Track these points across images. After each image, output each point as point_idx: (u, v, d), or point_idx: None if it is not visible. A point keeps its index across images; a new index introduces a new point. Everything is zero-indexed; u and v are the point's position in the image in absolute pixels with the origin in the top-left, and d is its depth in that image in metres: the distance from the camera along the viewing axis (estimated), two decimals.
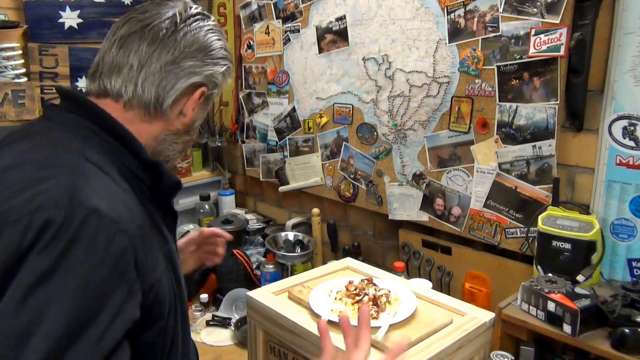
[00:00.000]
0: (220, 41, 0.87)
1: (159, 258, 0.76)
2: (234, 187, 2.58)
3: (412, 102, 1.66)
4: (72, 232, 0.61)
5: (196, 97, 0.84)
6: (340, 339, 0.96)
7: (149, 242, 0.72)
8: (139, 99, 0.80)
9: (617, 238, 1.28)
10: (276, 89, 2.19)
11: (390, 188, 1.79)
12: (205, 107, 0.90)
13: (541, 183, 1.40)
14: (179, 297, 0.82)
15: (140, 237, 0.69)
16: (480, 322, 1.03)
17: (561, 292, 1.12)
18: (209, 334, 1.68)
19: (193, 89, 0.83)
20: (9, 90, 2.14)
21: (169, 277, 0.79)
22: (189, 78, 0.82)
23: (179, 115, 0.84)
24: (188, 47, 0.82)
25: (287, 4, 2.05)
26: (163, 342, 0.78)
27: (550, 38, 1.31)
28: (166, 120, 0.83)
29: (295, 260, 1.94)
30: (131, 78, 0.79)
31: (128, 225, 0.66)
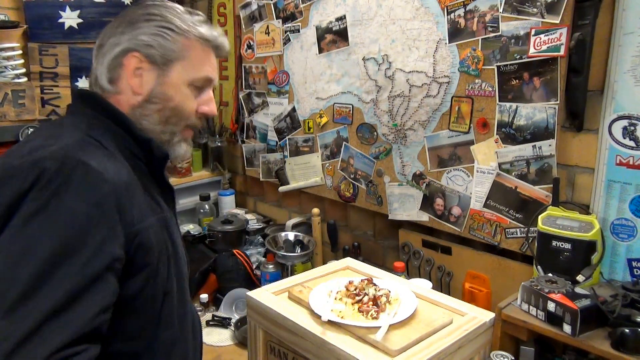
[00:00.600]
0: (146, 8, 0.91)
1: (147, 214, 0.85)
2: (234, 187, 2.58)
3: (412, 102, 1.66)
4: (62, 177, 0.74)
5: (126, 63, 0.89)
6: (340, 339, 0.96)
7: (136, 197, 0.83)
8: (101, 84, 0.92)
9: (617, 238, 1.28)
10: (276, 89, 2.19)
11: (390, 188, 1.79)
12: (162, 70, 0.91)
13: (541, 183, 1.40)
14: (173, 257, 0.91)
15: (125, 189, 0.80)
16: (480, 322, 1.03)
17: (561, 292, 1.12)
18: (209, 334, 1.68)
19: (122, 58, 0.89)
20: (9, 90, 2.15)
21: (162, 236, 0.89)
22: (112, 51, 0.90)
23: (131, 89, 0.91)
24: (111, 28, 0.92)
25: (287, 4, 2.05)
26: (154, 292, 0.86)
27: (550, 38, 1.31)
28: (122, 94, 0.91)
29: (295, 260, 1.94)
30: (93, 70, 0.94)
31: (112, 177, 0.78)
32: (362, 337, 0.96)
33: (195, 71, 0.94)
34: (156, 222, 0.88)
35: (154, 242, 0.85)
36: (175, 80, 0.92)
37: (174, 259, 0.92)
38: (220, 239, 2.07)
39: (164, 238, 0.89)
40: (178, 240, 0.97)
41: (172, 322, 0.91)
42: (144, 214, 0.85)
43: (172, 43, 0.91)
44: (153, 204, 0.90)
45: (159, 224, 0.89)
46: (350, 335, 0.98)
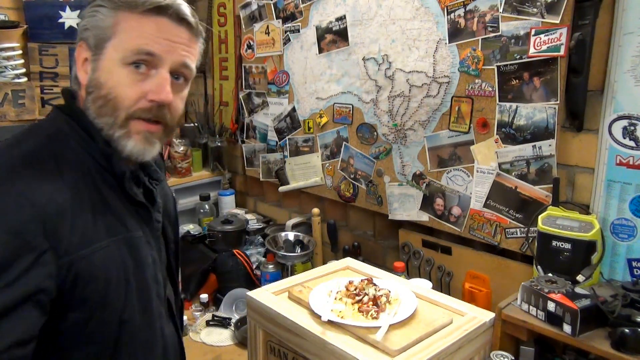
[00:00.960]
0: None
1: (95, 238, 0.77)
2: (234, 187, 2.58)
3: (412, 102, 1.66)
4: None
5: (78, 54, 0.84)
6: (340, 339, 0.96)
7: (78, 221, 0.75)
8: None
9: (617, 238, 1.28)
10: (276, 89, 2.19)
11: (390, 188, 1.79)
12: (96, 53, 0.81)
13: (541, 183, 1.40)
14: (137, 281, 0.82)
15: (57, 214, 0.72)
16: (480, 322, 1.03)
17: (561, 292, 1.12)
18: (209, 334, 1.68)
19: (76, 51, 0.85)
20: (9, 90, 2.15)
21: (119, 260, 0.79)
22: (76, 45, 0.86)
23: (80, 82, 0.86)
24: None
25: (287, 4, 2.05)
26: (104, 322, 0.78)
27: (550, 38, 1.31)
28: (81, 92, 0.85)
29: (295, 260, 1.94)
30: None
31: (39, 201, 0.71)
32: (362, 337, 0.96)
33: (126, 45, 0.80)
34: (112, 245, 0.79)
35: (100, 271, 0.76)
36: (108, 62, 0.80)
37: (139, 283, 0.83)
38: (220, 239, 2.07)
39: (121, 261, 0.80)
40: (147, 261, 0.86)
41: (134, 352, 0.83)
42: (90, 238, 0.76)
43: (102, 21, 0.80)
44: (114, 223, 0.81)
45: (115, 247, 0.79)
46: (350, 335, 0.98)
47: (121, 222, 0.82)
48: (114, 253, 0.79)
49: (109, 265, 0.78)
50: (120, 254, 0.80)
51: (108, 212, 0.80)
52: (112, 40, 0.80)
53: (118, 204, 0.83)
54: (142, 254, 0.85)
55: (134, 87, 0.80)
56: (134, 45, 0.79)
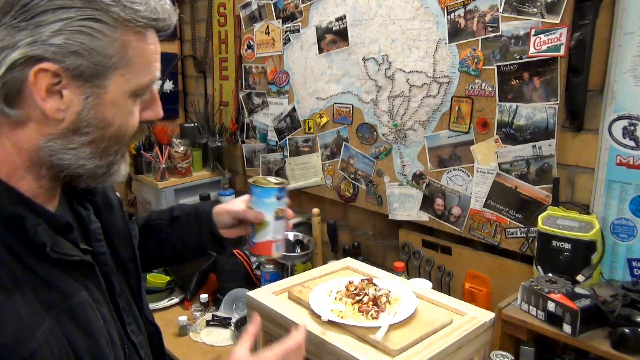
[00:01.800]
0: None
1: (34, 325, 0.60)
2: (234, 187, 2.58)
3: (412, 102, 1.66)
4: None
5: (33, 80, 0.59)
6: (340, 339, 0.96)
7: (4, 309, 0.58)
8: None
9: (617, 238, 1.28)
10: (276, 89, 2.19)
11: (390, 188, 1.79)
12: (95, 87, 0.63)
13: (541, 183, 1.40)
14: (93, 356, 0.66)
15: None
16: (480, 322, 1.03)
17: (561, 292, 1.12)
18: (209, 334, 1.68)
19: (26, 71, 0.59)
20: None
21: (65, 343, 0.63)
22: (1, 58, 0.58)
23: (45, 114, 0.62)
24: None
25: (287, 4, 2.05)
26: None
27: (550, 38, 1.31)
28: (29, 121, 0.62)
29: (295, 260, 1.94)
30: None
31: None
32: (362, 337, 0.96)
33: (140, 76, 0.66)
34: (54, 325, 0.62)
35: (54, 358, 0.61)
36: (114, 96, 0.64)
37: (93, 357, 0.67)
38: None
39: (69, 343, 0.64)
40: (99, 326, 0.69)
41: None
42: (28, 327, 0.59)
43: (106, 44, 0.61)
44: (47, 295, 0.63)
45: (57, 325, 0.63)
46: (350, 335, 0.98)
47: (56, 289, 0.64)
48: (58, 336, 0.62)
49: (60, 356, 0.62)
50: (65, 333, 0.63)
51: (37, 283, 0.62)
52: (119, 70, 0.63)
53: (46, 267, 0.64)
54: (91, 321, 0.68)
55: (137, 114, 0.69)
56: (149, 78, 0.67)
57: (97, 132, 0.65)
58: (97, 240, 0.77)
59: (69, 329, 0.64)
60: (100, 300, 0.72)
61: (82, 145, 0.65)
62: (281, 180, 1.06)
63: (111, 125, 0.66)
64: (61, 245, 0.66)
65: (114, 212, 0.84)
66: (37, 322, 0.61)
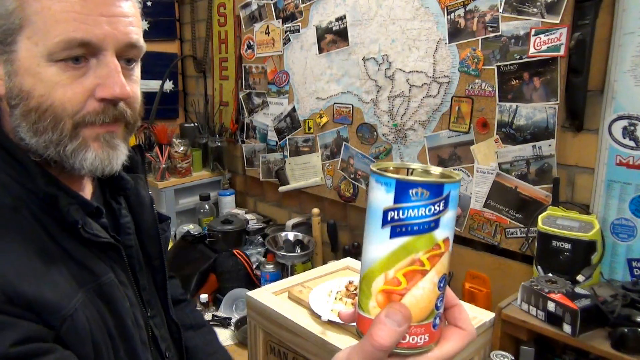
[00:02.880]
0: None
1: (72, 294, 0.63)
2: (234, 187, 2.58)
3: (412, 102, 1.66)
4: None
5: None
6: (340, 339, 0.96)
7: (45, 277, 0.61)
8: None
9: (617, 238, 1.28)
10: (276, 89, 2.19)
11: None
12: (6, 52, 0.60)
13: (541, 183, 1.40)
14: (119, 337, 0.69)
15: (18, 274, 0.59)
16: (480, 322, 1.03)
17: (561, 292, 1.12)
18: None
19: None
20: None
21: (98, 315, 0.66)
22: None
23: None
24: None
25: (287, 4, 2.05)
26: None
27: (550, 38, 1.31)
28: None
29: (295, 260, 1.94)
30: None
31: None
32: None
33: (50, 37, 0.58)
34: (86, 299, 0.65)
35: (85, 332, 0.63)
36: (26, 62, 0.59)
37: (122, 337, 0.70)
38: (220, 239, 2.07)
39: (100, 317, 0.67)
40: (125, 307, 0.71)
41: None
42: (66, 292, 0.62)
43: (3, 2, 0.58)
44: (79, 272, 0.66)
45: (89, 300, 0.65)
46: (350, 335, 0.98)
47: (86, 268, 0.67)
48: (90, 308, 0.65)
49: (92, 324, 0.64)
50: (96, 308, 0.66)
51: (69, 260, 0.65)
52: (24, 31, 0.58)
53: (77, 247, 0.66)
54: (118, 301, 0.70)
55: (75, 85, 0.61)
56: (59, 36, 0.58)
57: (23, 104, 0.61)
58: (127, 234, 0.79)
59: (100, 306, 0.67)
60: (126, 283, 0.74)
61: (21, 120, 0.62)
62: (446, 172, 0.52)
63: (31, 95, 0.61)
64: (91, 226, 0.68)
65: (144, 209, 0.85)
66: (72, 292, 0.63)
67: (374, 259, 0.48)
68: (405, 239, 0.47)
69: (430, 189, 0.46)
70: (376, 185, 0.47)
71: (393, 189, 0.46)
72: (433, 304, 0.49)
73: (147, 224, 0.84)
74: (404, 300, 0.48)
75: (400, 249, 0.47)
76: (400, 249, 0.47)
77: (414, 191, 0.46)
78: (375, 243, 0.48)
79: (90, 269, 0.67)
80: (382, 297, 0.49)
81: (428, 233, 0.47)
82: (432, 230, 0.47)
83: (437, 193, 0.46)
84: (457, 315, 0.52)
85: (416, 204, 0.46)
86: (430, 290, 0.49)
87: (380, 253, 0.48)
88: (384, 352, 0.47)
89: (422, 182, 0.46)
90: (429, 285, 0.48)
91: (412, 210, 0.46)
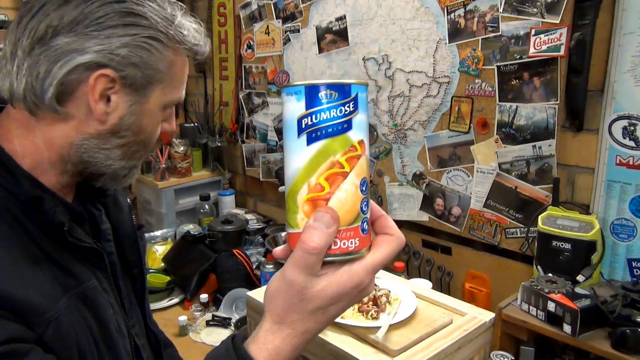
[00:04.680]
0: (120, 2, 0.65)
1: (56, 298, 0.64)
2: (234, 187, 2.58)
3: (412, 102, 1.66)
4: None
5: (92, 83, 0.64)
6: (340, 339, 0.96)
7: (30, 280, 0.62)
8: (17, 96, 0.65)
9: (617, 238, 1.28)
10: (276, 89, 2.19)
11: (390, 188, 1.79)
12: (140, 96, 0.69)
13: (541, 183, 1.40)
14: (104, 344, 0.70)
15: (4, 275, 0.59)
16: (480, 322, 1.04)
17: (561, 292, 1.12)
18: (209, 334, 1.68)
19: (87, 74, 0.64)
20: None
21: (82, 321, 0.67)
22: (68, 60, 0.62)
23: (90, 112, 0.66)
24: (60, 17, 0.63)
25: (287, 4, 2.05)
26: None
27: (550, 38, 1.31)
28: (71, 119, 0.66)
29: None
30: (8, 72, 0.65)
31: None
32: (362, 337, 0.96)
33: (175, 92, 0.73)
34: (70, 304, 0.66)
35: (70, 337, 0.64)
36: (152, 107, 0.70)
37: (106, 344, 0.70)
38: (220, 239, 2.07)
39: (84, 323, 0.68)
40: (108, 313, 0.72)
41: None
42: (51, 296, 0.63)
43: (158, 60, 0.68)
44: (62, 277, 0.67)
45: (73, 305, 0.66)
46: (350, 335, 0.98)
47: (70, 274, 0.68)
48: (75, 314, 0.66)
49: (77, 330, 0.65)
50: (80, 314, 0.67)
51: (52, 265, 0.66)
52: (162, 84, 0.70)
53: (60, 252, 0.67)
54: (102, 308, 0.71)
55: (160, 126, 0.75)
56: (179, 95, 0.74)
57: (132, 136, 0.70)
58: (107, 240, 0.80)
59: (84, 312, 0.68)
60: (108, 290, 0.75)
61: (116, 147, 0.70)
62: None
63: (144, 131, 0.71)
64: (76, 230, 0.69)
65: (123, 216, 0.86)
66: (57, 296, 0.64)
67: (296, 170, 0.51)
68: (322, 143, 0.50)
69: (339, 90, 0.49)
70: (287, 98, 0.51)
71: (303, 95, 0.49)
72: (358, 207, 0.52)
73: (126, 231, 0.85)
74: (330, 204, 0.50)
75: (318, 153, 0.50)
76: (318, 153, 0.50)
77: (323, 93, 0.49)
78: (295, 154, 0.51)
79: (74, 274, 0.68)
80: (308, 206, 0.51)
81: (343, 134, 0.50)
82: (346, 131, 0.50)
83: (345, 93, 0.50)
84: (384, 224, 0.57)
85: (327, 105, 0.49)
86: (353, 193, 0.51)
87: (300, 163, 0.50)
88: (316, 256, 0.50)
89: (329, 84, 0.49)
90: (351, 187, 0.51)
91: (324, 113, 0.49)
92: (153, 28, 0.66)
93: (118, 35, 0.64)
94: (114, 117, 0.67)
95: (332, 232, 0.50)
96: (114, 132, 0.69)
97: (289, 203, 0.53)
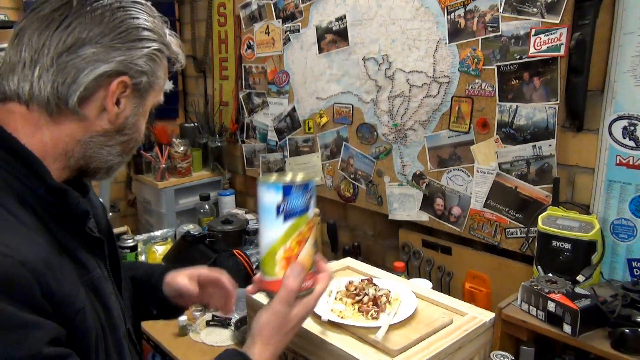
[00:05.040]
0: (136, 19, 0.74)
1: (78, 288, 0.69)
2: (234, 187, 2.58)
3: (412, 102, 1.66)
4: None
5: (114, 89, 0.72)
6: (340, 339, 0.96)
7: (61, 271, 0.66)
8: (37, 99, 0.70)
9: (617, 238, 1.28)
10: (276, 89, 2.19)
11: (390, 188, 1.79)
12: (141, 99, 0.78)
13: (541, 183, 1.40)
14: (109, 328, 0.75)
15: (47, 267, 0.63)
16: (480, 322, 1.03)
17: (561, 292, 1.12)
18: (209, 334, 1.68)
19: (108, 80, 0.72)
20: None
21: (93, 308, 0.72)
22: (94, 68, 0.70)
23: (101, 113, 0.73)
24: (87, 30, 0.70)
25: (287, 4, 2.05)
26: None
27: (550, 38, 1.31)
28: (83, 119, 0.72)
29: None
30: (25, 76, 0.69)
31: (25, 258, 0.61)
32: (362, 337, 0.96)
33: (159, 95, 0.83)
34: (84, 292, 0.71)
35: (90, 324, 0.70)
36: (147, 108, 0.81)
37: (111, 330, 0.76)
38: (220, 239, 2.07)
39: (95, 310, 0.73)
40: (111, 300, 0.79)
41: None
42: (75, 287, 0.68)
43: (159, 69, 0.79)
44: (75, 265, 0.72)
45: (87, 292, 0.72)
46: (350, 335, 0.98)
47: (80, 263, 0.73)
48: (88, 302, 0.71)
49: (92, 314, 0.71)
50: (90, 301, 0.71)
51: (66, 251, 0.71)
52: (156, 89, 0.81)
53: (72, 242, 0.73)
54: (106, 296, 0.77)
55: None
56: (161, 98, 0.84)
57: (132, 134, 0.80)
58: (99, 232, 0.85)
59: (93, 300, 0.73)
60: (108, 278, 0.82)
61: (118, 144, 0.78)
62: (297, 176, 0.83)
63: (139, 130, 0.81)
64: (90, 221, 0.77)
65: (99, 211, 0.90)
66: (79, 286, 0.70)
67: (275, 239, 0.80)
68: (293, 220, 0.79)
69: (304, 186, 0.78)
70: (268, 190, 0.79)
71: (281, 190, 0.78)
72: (312, 259, 0.84)
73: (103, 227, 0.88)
74: (298, 259, 0.81)
75: (291, 227, 0.79)
76: (291, 227, 0.79)
77: (294, 188, 0.78)
78: (274, 228, 0.80)
79: (83, 263, 0.74)
80: (284, 261, 0.81)
81: (305, 213, 0.80)
82: (307, 211, 0.80)
83: (307, 187, 0.79)
84: (320, 265, 0.87)
85: (297, 196, 0.78)
86: (311, 249, 0.83)
87: (278, 234, 0.80)
88: (295, 293, 0.80)
89: (299, 183, 0.78)
90: (309, 246, 0.82)
91: (295, 201, 0.78)
92: (159, 41, 0.77)
93: (137, 47, 0.74)
94: (121, 117, 0.76)
95: (302, 278, 0.81)
96: (119, 131, 0.77)
97: (266, 260, 0.82)
